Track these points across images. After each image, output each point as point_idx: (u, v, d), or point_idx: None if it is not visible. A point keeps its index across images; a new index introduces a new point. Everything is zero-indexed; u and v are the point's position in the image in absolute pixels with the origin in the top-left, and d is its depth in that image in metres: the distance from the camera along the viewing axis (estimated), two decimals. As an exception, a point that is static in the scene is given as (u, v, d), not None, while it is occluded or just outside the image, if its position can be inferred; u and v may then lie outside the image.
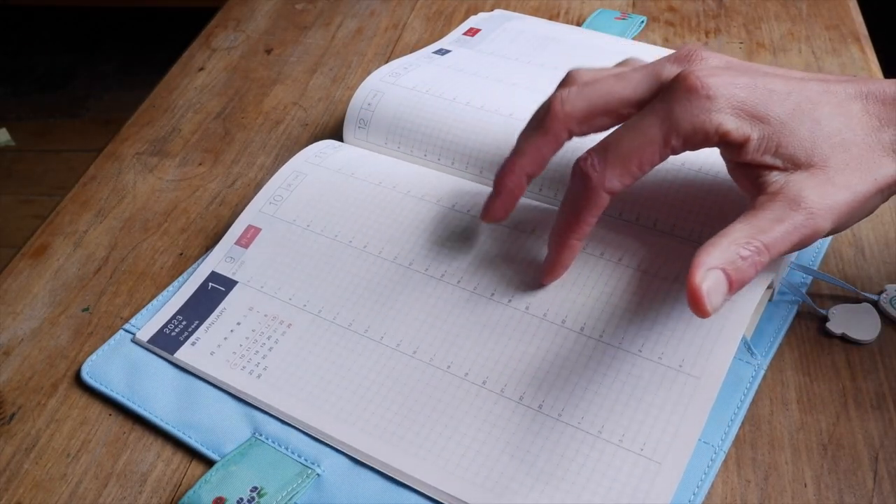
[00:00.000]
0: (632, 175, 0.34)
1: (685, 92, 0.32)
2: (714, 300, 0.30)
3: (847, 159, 0.32)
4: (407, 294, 0.39)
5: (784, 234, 0.31)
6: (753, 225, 0.32)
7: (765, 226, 0.31)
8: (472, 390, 0.35)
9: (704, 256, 0.30)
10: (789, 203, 0.32)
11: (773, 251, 0.31)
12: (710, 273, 0.30)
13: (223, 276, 0.42)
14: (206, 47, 0.65)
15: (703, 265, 0.30)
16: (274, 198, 0.45)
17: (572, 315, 0.36)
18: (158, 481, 0.35)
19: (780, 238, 0.31)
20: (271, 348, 0.39)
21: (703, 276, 0.30)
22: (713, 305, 0.30)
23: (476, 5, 0.67)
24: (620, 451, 0.32)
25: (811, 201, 0.32)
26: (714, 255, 0.31)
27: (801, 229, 0.32)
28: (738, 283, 0.31)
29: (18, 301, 0.44)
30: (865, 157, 0.33)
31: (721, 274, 0.30)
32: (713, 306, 0.30)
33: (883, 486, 0.33)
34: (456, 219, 0.41)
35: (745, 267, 0.31)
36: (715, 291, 0.30)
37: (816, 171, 0.32)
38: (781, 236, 0.31)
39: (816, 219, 0.32)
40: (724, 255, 0.31)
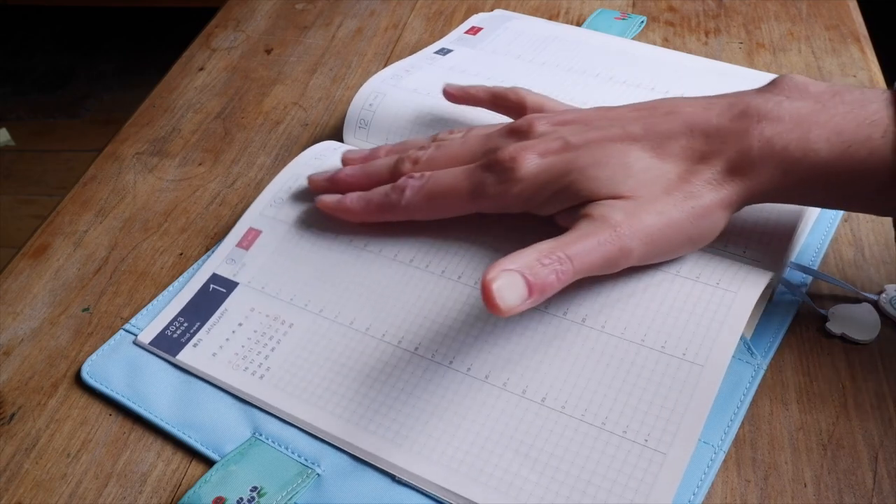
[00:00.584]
0: (431, 213, 0.39)
1: (500, 166, 0.37)
2: (507, 297, 0.31)
3: (658, 191, 0.34)
4: (408, 291, 0.39)
5: (588, 248, 0.33)
6: (559, 240, 0.33)
7: (570, 240, 0.33)
8: (475, 385, 0.35)
9: (503, 260, 0.32)
10: (595, 221, 0.34)
11: (576, 263, 0.33)
12: (505, 273, 0.31)
13: (224, 277, 0.42)
14: (206, 47, 0.65)
15: (500, 266, 0.31)
16: (275, 200, 0.45)
17: (574, 307, 0.36)
18: (158, 481, 0.35)
19: (583, 251, 0.33)
20: (273, 349, 0.39)
21: (495, 275, 0.31)
22: (506, 302, 0.31)
23: (476, 5, 0.67)
24: (625, 443, 0.32)
25: (617, 221, 0.34)
26: (513, 260, 0.32)
27: (606, 245, 0.33)
28: (538, 287, 0.32)
29: (18, 301, 0.44)
30: (681, 187, 0.34)
31: (517, 276, 0.31)
32: (506, 303, 0.31)
33: (882, 485, 0.33)
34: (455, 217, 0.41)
35: (545, 273, 0.32)
36: (508, 289, 0.31)
37: (628, 200, 0.34)
38: (585, 249, 0.33)
39: (623, 238, 0.33)
40: (523, 261, 0.32)
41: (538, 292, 0.32)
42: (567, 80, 0.50)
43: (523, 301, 0.31)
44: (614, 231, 0.33)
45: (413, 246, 0.41)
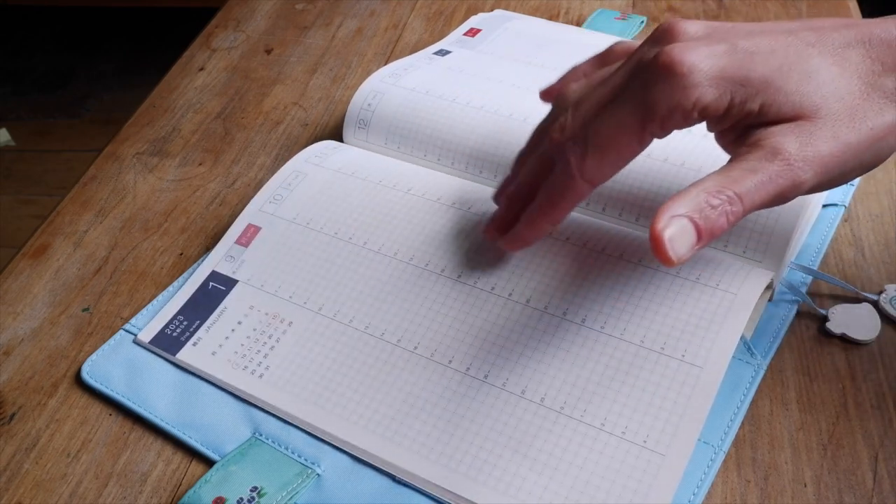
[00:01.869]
0: (612, 165, 0.33)
1: (659, 73, 0.31)
2: (678, 248, 0.29)
3: (839, 109, 0.31)
4: (407, 290, 0.39)
5: (758, 183, 0.30)
6: (726, 175, 0.30)
7: (738, 175, 0.30)
8: (474, 385, 0.35)
9: (670, 204, 0.29)
10: (766, 153, 0.30)
11: (746, 201, 0.30)
12: (675, 220, 0.29)
13: (223, 275, 0.42)
14: (206, 47, 0.65)
15: (668, 212, 0.29)
16: (274, 197, 0.45)
17: (573, 307, 0.36)
18: (158, 481, 0.35)
19: (753, 188, 0.30)
20: (272, 347, 0.39)
21: (666, 223, 0.29)
22: (677, 253, 0.29)
23: (476, 5, 0.67)
24: (624, 444, 0.32)
25: (789, 152, 0.30)
26: (680, 203, 0.29)
27: (776, 179, 0.30)
28: (707, 232, 0.29)
29: (18, 301, 0.44)
30: (861, 105, 0.31)
31: (687, 222, 0.29)
32: (677, 254, 0.29)
33: (882, 485, 0.33)
34: (456, 216, 0.41)
35: (715, 216, 0.29)
36: (679, 239, 0.29)
37: (803, 122, 0.31)
38: (755, 186, 0.30)
39: (795, 169, 0.30)
40: (692, 203, 0.29)
41: (707, 237, 0.29)
42: (567, 80, 0.50)
43: (692, 248, 0.29)
44: (787, 164, 0.30)
45: (412, 244, 0.41)
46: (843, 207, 0.45)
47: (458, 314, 0.38)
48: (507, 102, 0.47)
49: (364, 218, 0.42)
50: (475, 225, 0.41)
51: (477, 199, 0.42)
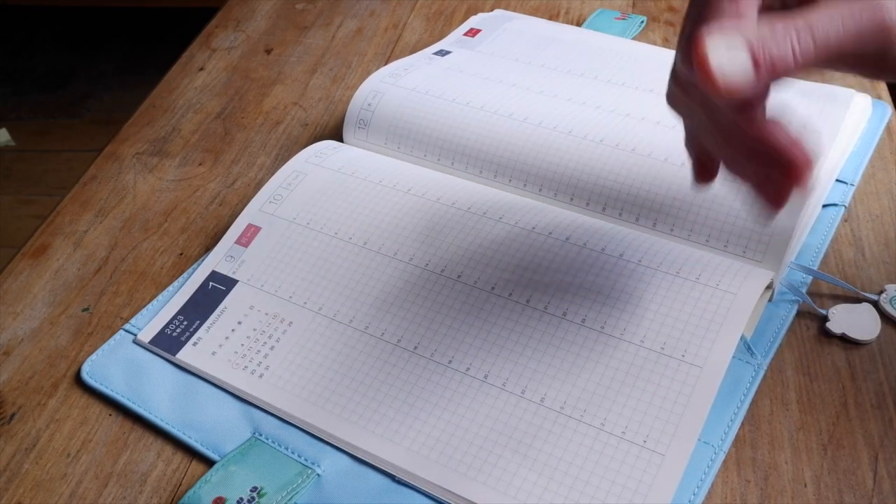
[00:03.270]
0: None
1: None
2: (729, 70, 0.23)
3: None
4: (407, 290, 0.39)
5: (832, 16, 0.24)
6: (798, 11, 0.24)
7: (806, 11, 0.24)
8: (474, 385, 0.35)
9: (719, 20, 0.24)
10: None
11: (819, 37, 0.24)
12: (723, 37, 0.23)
13: (223, 275, 0.42)
14: (206, 47, 0.65)
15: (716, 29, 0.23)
16: (274, 197, 0.45)
17: (573, 307, 0.36)
18: (158, 481, 0.35)
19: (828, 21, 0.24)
20: (272, 347, 0.39)
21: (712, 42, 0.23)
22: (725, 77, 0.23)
23: (476, 5, 0.67)
24: (624, 443, 0.32)
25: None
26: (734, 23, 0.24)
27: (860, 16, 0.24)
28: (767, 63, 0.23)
29: (18, 301, 0.44)
30: None
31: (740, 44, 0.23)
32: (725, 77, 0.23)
33: (882, 485, 0.33)
34: (456, 216, 0.41)
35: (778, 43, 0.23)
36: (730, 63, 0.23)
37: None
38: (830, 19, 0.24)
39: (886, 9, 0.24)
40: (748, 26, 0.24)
41: (767, 70, 0.23)
42: (566, 82, 0.50)
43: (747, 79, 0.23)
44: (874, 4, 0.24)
45: (412, 244, 0.41)
46: (843, 207, 0.45)
47: (457, 314, 0.38)
48: (506, 102, 0.47)
49: (364, 218, 0.42)
50: (475, 225, 0.41)
51: (477, 198, 0.42)
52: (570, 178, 0.43)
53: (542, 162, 0.43)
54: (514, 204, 0.42)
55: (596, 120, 0.45)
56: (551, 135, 0.44)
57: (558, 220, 0.40)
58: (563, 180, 0.43)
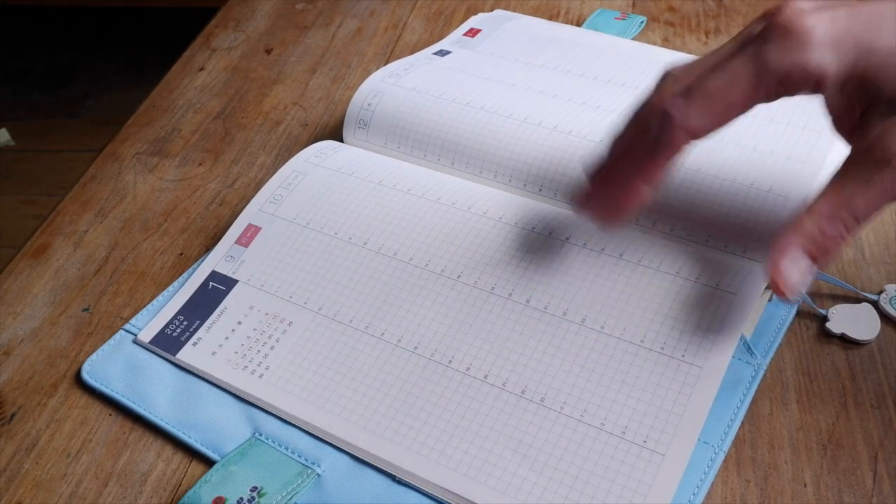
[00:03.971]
0: (717, 116, 0.30)
1: (779, 31, 0.29)
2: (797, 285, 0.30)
3: None
4: (407, 290, 0.39)
5: (874, 196, 0.29)
6: (841, 191, 0.29)
7: (852, 190, 0.29)
8: (474, 385, 0.35)
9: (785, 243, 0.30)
10: (878, 160, 0.28)
11: (863, 217, 0.29)
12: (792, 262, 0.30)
13: (223, 275, 0.42)
14: (206, 47, 0.65)
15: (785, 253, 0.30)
16: (274, 197, 0.45)
17: (573, 307, 0.36)
18: (158, 481, 0.35)
19: (868, 201, 0.29)
20: (272, 347, 0.39)
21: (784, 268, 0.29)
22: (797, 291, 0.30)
23: (476, 5, 0.67)
24: (624, 443, 0.32)
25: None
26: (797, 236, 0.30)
27: (892, 188, 0.28)
28: (824, 256, 0.30)
29: (19, 301, 0.44)
30: None
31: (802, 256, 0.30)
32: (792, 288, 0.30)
33: (882, 485, 0.33)
34: (456, 216, 0.41)
35: (830, 242, 0.29)
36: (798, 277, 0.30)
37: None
38: (870, 199, 0.29)
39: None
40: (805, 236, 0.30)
41: (823, 261, 0.30)
42: (566, 82, 0.50)
43: (808, 275, 0.30)
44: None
45: (412, 244, 0.41)
46: (842, 207, 0.45)
47: (458, 314, 0.38)
48: (506, 102, 0.47)
49: (364, 218, 0.42)
50: (475, 225, 0.41)
51: (477, 199, 0.42)
52: (570, 178, 0.43)
53: (543, 162, 0.43)
54: (514, 204, 0.42)
55: (596, 120, 0.45)
56: (551, 135, 0.44)
57: (558, 220, 0.40)
58: (563, 180, 0.43)
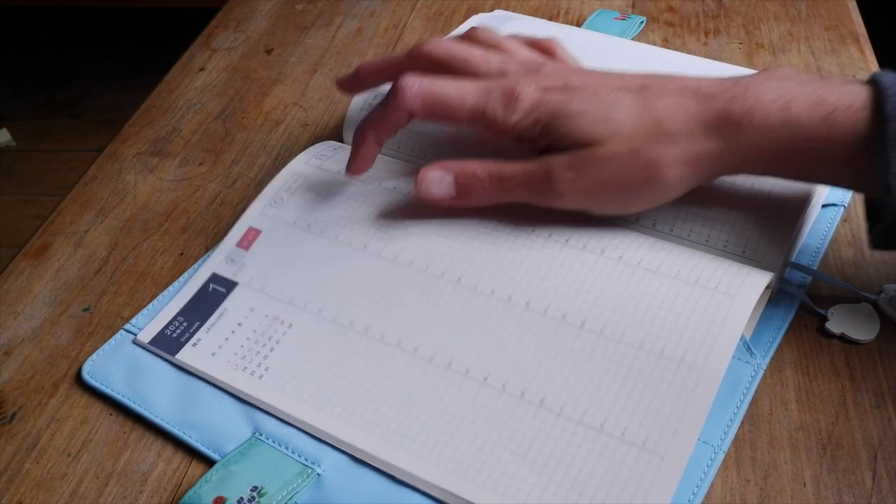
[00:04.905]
0: (433, 113, 0.39)
1: (503, 91, 0.38)
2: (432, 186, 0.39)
3: (624, 142, 0.36)
4: (407, 293, 0.39)
5: (517, 173, 0.38)
6: (501, 163, 0.39)
7: (507, 165, 0.38)
8: (474, 387, 0.35)
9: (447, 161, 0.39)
10: (537, 161, 0.38)
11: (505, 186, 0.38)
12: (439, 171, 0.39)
13: (224, 277, 0.42)
14: (206, 47, 0.65)
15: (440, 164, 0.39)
16: (274, 200, 0.45)
17: (573, 310, 0.36)
18: (159, 481, 0.35)
19: (512, 174, 0.38)
20: (272, 349, 0.39)
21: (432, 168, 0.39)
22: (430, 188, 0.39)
23: (476, 5, 0.67)
24: (623, 445, 0.33)
25: (554, 161, 0.37)
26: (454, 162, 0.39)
27: (533, 175, 0.38)
28: (464, 189, 0.39)
29: (19, 301, 0.44)
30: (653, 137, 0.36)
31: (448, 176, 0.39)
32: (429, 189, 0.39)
33: (882, 485, 0.33)
34: (456, 219, 0.41)
35: (472, 181, 0.39)
36: (438, 182, 0.39)
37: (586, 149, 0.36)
38: (514, 173, 0.38)
39: (554, 176, 0.37)
40: (461, 166, 0.39)
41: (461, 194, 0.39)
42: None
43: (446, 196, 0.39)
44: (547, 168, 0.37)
45: (413, 248, 0.41)
46: (842, 207, 0.45)
47: (458, 317, 0.38)
48: (506, 103, 0.47)
49: (365, 221, 0.42)
50: (475, 227, 0.41)
51: (477, 199, 0.42)
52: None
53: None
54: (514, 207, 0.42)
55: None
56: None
57: (559, 222, 0.40)
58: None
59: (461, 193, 0.39)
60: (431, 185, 0.39)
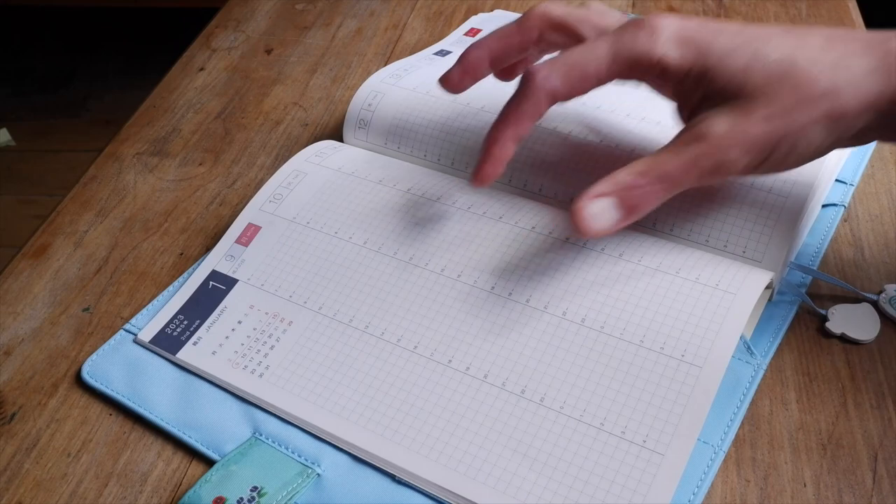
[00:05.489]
0: (572, 82, 0.35)
1: (637, 24, 0.34)
2: (600, 222, 0.33)
3: (781, 92, 0.32)
4: (407, 290, 0.39)
5: (683, 164, 0.33)
6: (654, 158, 0.33)
7: (665, 158, 0.33)
8: (474, 385, 0.35)
9: (598, 185, 0.33)
10: (694, 136, 0.33)
11: (672, 182, 0.33)
12: (599, 199, 0.33)
13: (223, 274, 0.42)
14: (206, 47, 0.65)
15: (595, 192, 0.33)
16: (274, 196, 0.45)
17: (573, 307, 0.36)
18: (159, 481, 0.35)
19: (677, 167, 0.33)
20: (272, 346, 0.39)
21: (588, 202, 0.33)
22: (597, 226, 0.33)
23: (476, 5, 0.67)
24: (623, 443, 0.32)
25: (717, 133, 0.32)
26: (609, 183, 0.33)
27: (702, 160, 0.32)
28: (631, 207, 0.33)
29: (19, 301, 0.44)
30: (806, 91, 0.31)
31: (611, 200, 0.33)
32: (596, 227, 0.33)
33: (882, 485, 0.33)
34: (456, 216, 0.41)
35: (638, 194, 0.33)
36: (602, 215, 0.33)
37: (741, 102, 0.32)
38: (680, 165, 0.33)
39: (720, 151, 0.32)
40: (617, 183, 0.33)
41: (631, 211, 0.33)
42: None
43: (616, 223, 0.33)
44: (712, 145, 0.32)
45: (412, 243, 0.41)
46: (842, 207, 0.45)
47: (457, 314, 0.38)
48: (507, 102, 0.47)
49: (364, 217, 0.42)
50: (475, 224, 0.41)
51: (476, 199, 0.42)
52: (570, 178, 0.43)
53: (543, 162, 0.43)
54: (514, 204, 0.42)
55: (596, 120, 0.45)
56: (551, 135, 0.44)
57: (558, 219, 0.40)
58: (563, 180, 0.43)
59: (629, 213, 0.33)
60: (595, 222, 0.33)
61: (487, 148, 0.37)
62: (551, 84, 0.34)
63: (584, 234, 0.33)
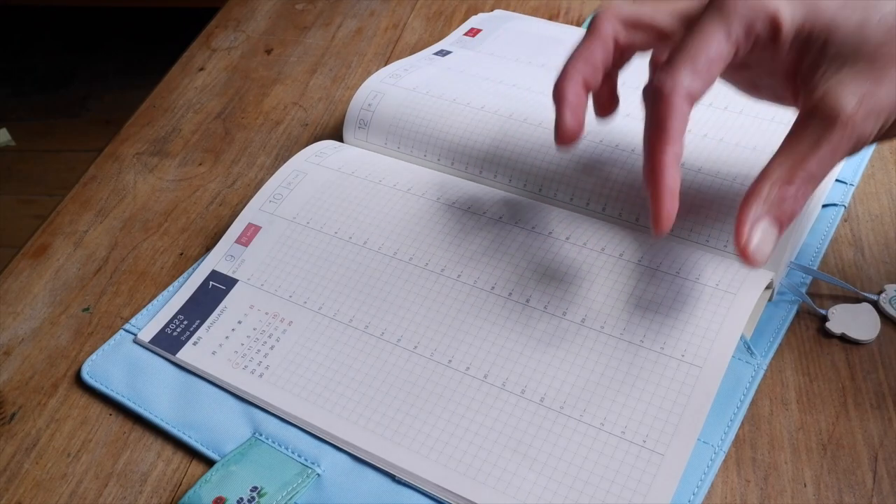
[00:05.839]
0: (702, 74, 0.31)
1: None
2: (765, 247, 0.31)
3: None
4: (407, 289, 0.39)
5: (825, 155, 0.30)
6: (793, 154, 0.31)
7: (804, 151, 0.30)
8: (474, 385, 0.35)
9: (747, 210, 0.31)
10: (824, 118, 0.30)
11: (819, 177, 0.31)
12: (756, 226, 0.31)
13: (223, 274, 0.42)
14: (206, 47, 0.65)
15: (748, 220, 0.31)
16: (274, 196, 0.45)
17: (573, 307, 0.36)
18: (158, 481, 0.35)
19: (821, 161, 0.30)
20: (272, 346, 0.39)
21: (748, 233, 0.30)
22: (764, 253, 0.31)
23: (476, 5, 0.67)
24: (623, 443, 0.32)
25: (850, 108, 0.30)
26: (757, 204, 0.31)
27: (842, 144, 0.30)
28: (788, 219, 0.31)
29: (19, 301, 0.44)
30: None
31: (766, 222, 0.31)
32: (764, 254, 0.31)
33: (882, 485, 0.33)
34: (455, 216, 0.41)
35: (790, 204, 0.31)
36: (764, 243, 0.31)
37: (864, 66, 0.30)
38: (823, 158, 0.30)
39: (857, 127, 0.30)
40: (768, 202, 0.31)
41: (788, 223, 0.31)
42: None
43: (777, 241, 0.31)
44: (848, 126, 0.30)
45: (411, 243, 0.41)
46: (842, 207, 0.45)
47: (457, 314, 0.38)
48: (507, 103, 0.47)
49: (364, 217, 0.42)
50: (475, 224, 0.41)
51: (476, 198, 0.42)
52: (570, 177, 0.43)
53: (543, 162, 0.43)
54: (514, 204, 0.42)
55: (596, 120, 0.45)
56: (552, 135, 0.44)
57: (558, 220, 0.40)
58: (563, 180, 0.43)
59: (785, 225, 0.31)
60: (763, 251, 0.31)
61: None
62: (687, 86, 0.31)
63: (755, 266, 0.31)
